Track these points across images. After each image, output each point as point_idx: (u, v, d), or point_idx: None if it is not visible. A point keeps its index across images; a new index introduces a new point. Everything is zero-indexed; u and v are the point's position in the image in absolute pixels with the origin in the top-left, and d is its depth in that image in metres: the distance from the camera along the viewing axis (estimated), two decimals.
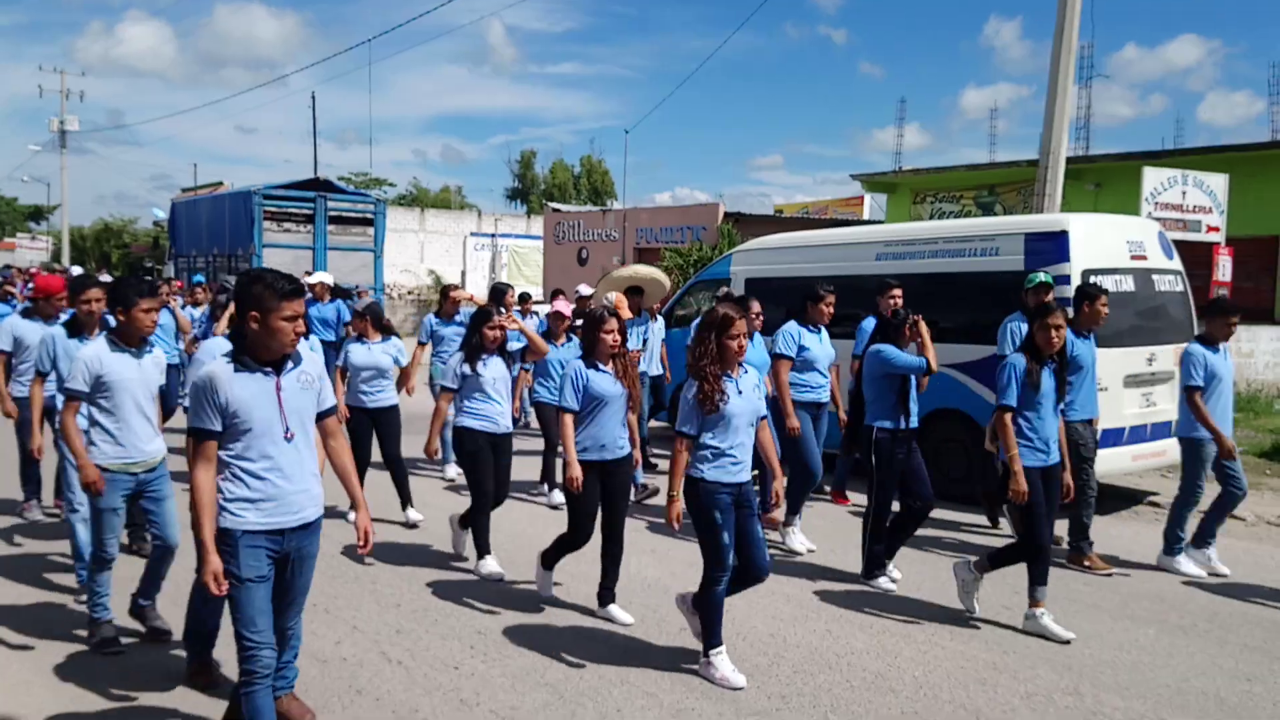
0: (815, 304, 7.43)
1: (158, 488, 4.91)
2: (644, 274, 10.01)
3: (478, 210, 47.61)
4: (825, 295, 7.45)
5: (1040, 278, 7.28)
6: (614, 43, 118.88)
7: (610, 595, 5.57)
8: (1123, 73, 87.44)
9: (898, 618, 5.63)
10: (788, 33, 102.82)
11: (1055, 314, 5.48)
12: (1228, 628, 5.61)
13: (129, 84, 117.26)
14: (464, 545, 6.62)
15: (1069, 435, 6.15)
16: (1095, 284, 6.95)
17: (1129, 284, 8.22)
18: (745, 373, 4.80)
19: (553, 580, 5.86)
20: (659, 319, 10.26)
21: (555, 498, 8.27)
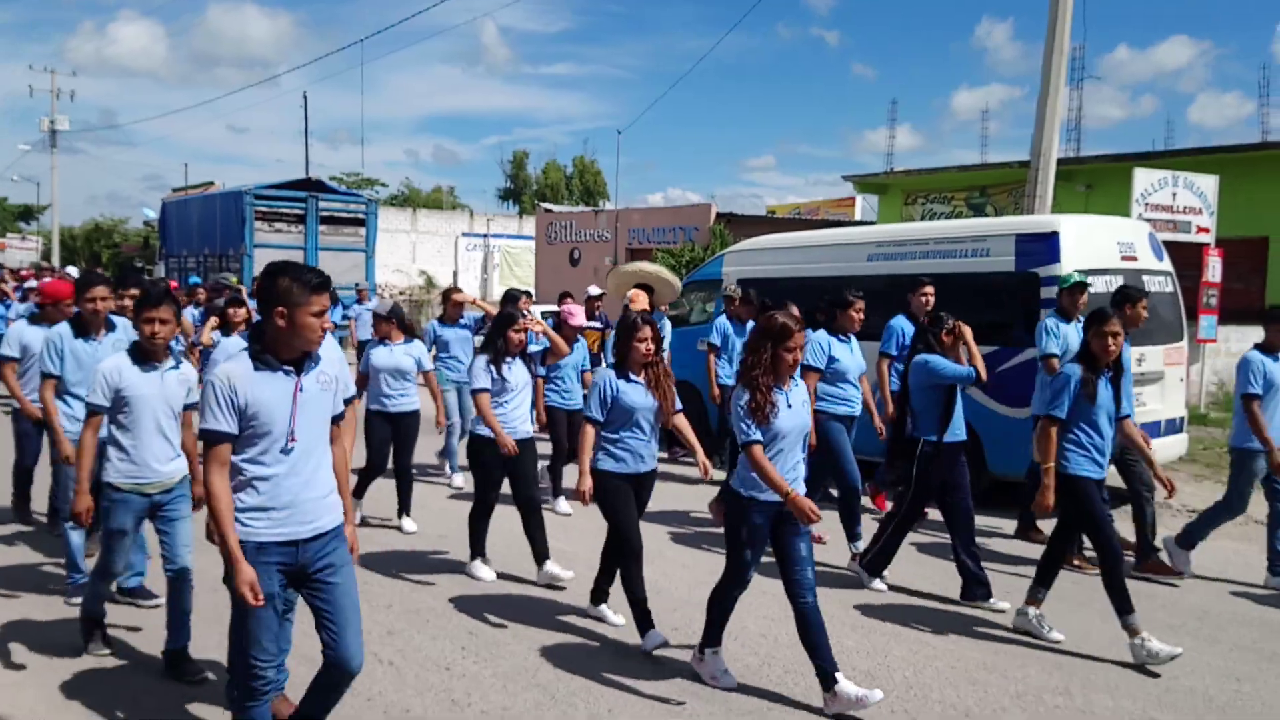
0: (844, 310, 7.07)
1: (172, 509, 4.65)
2: (651, 271, 10.02)
3: (470, 210, 47.72)
4: (854, 301, 7.07)
5: (1075, 277, 7.05)
6: (607, 43, 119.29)
7: (604, 595, 5.53)
8: (1114, 74, 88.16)
9: (888, 617, 5.65)
10: (780, 34, 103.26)
11: (1111, 320, 5.15)
12: (1217, 627, 5.64)
13: (121, 83, 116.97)
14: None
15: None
16: (1136, 287, 6.73)
17: (1119, 285, 8.23)
18: (796, 385, 4.52)
19: (659, 638, 5.07)
20: (665, 320, 10.24)
21: (561, 506, 8.01)
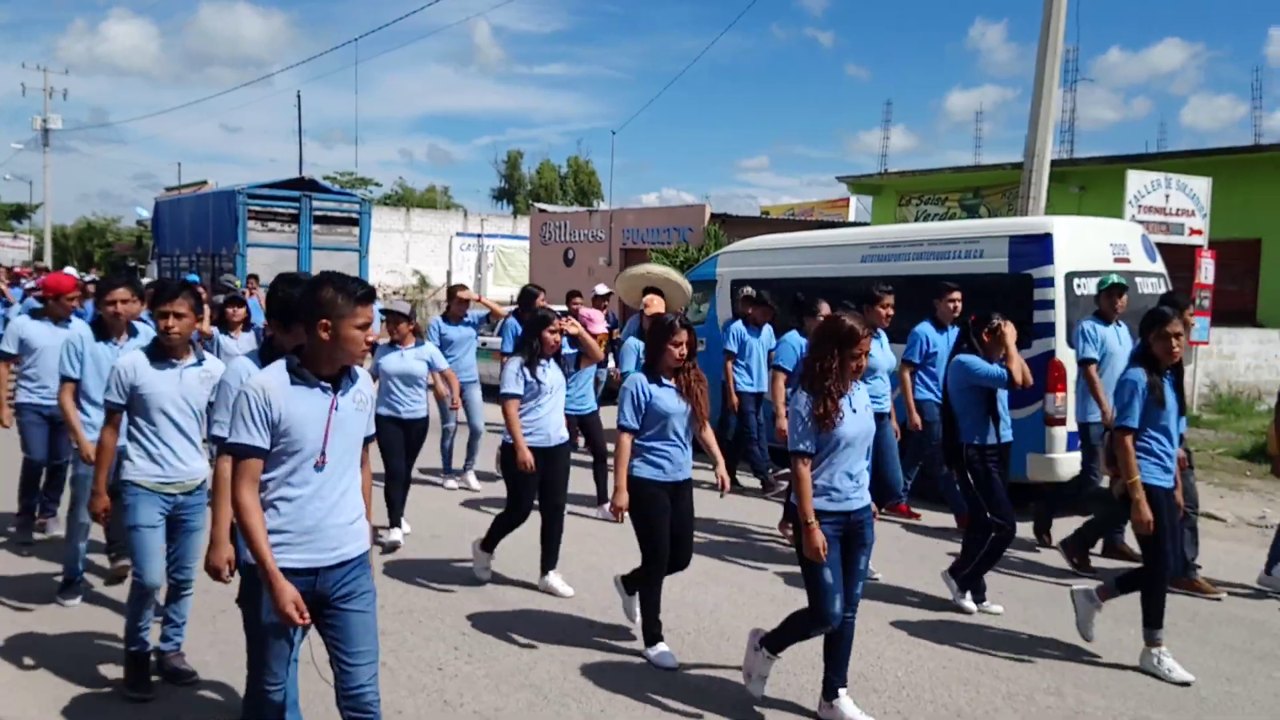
0: (872, 306, 6.75)
1: (190, 516, 4.50)
2: (659, 274, 9.99)
3: (464, 210, 47.64)
4: (882, 296, 6.81)
5: (1113, 279, 6.91)
6: (602, 43, 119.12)
7: (632, 588, 5.24)
8: (1107, 76, 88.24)
9: (880, 618, 5.64)
10: (775, 34, 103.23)
11: (1173, 321, 4.95)
12: (1209, 627, 5.66)
13: (113, 82, 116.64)
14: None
15: None
16: (1183, 295, 6.59)
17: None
18: (859, 389, 4.31)
19: (667, 652, 4.97)
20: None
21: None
